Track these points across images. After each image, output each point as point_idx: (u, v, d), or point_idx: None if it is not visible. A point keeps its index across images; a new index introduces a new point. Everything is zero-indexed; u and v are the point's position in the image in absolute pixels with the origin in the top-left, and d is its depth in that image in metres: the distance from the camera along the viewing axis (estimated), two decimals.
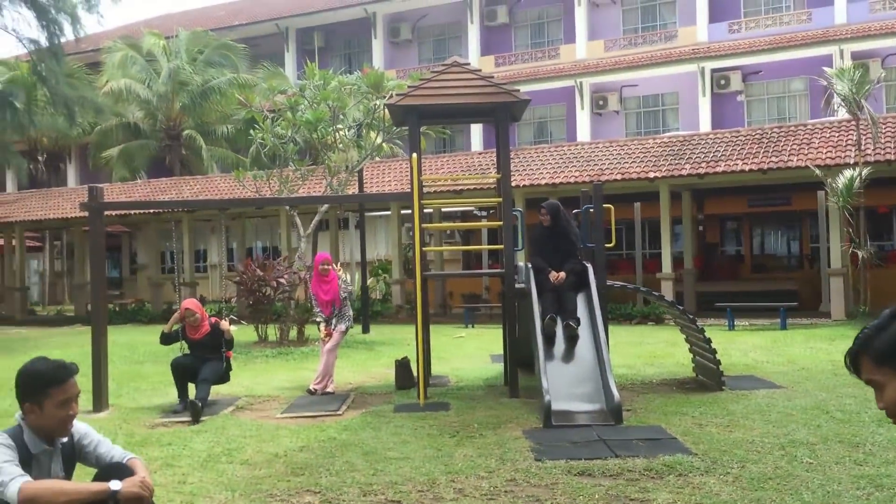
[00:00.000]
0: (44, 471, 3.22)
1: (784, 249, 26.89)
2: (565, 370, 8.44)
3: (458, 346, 15.02)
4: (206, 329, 9.10)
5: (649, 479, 5.53)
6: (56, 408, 3.18)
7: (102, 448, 3.43)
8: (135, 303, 26.87)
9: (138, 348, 15.20)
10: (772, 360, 11.19)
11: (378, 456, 6.45)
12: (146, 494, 3.10)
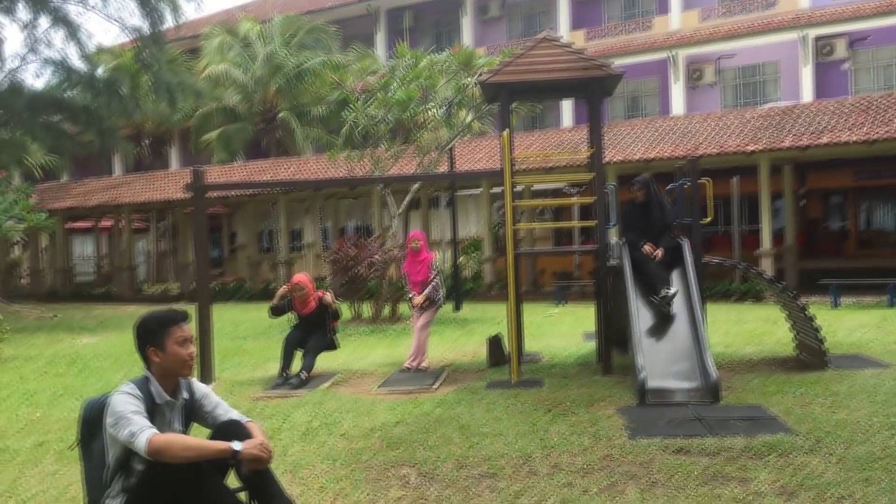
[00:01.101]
0: (165, 422, 3.39)
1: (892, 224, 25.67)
2: (661, 347, 8.31)
3: (549, 324, 14.98)
4: (314, 305, 9.44)
5: (749, 458, 5.41)
6: (177, 346, 3.35)
7: (220, 410, 3.59)
8: (235, 281, 27.77)
9: (240, 325, 15.74)
10: (879, 339, 10.74)
11: (472, 431, 6.52)
12: (265, 457, 3.23)
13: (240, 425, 3.44)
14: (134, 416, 3.19)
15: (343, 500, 4.89)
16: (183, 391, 3.50)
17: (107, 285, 30.89)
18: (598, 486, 4.95)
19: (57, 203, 29.00)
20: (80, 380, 9.88)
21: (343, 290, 16.32)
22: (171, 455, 3.09)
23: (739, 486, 4.81)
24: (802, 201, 23.73)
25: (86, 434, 3.51)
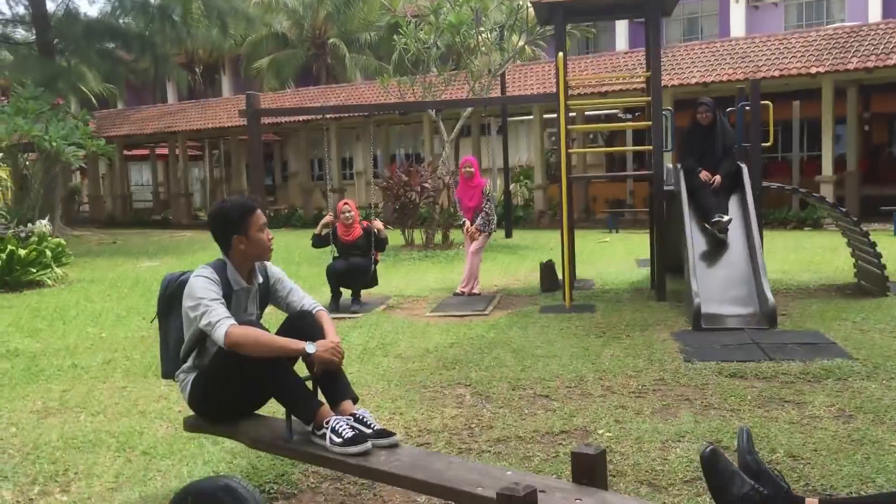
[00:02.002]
0: (241, 308, 3.49)
1: None
2: (716, 273, 8.23)
3: (602, 251, 14.90)
4: (359, 231, 9.44)
5: (805, 382, 5.38)
6: (259, 231, 3.44)
7: (294, 296, 3.69)
8: (287, 209, 28.10)
9: (293, 251, 15.97)
10: None
11: (526, 353, 6.58)
12: (337, 360, 3.32)
13: (312, 320, 3.51)
14: (213, 303, 3.27)
15: (399, 417, 5.01)
16: (258, 275, 3.59)
17: (164, 212, 31.55)
18: (651, 407, 4.98)
19: (114, 130, 29.45)
20: (143, 301, 10.17)
21: (395, 217, 16.41)
22: (247, 350, 3.19)
23: (795, 409, 4.79)
24: (866, 126, 22.92)
25: (164, 309, 3.65)
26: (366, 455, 3.13)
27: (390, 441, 3.25)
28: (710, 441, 3.88)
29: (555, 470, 3.94)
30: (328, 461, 3.22)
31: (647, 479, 3.83)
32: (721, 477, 2.23)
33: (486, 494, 2.71)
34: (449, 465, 3.11)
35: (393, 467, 3.04)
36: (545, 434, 4.57)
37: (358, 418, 3.31)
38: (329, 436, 3.18)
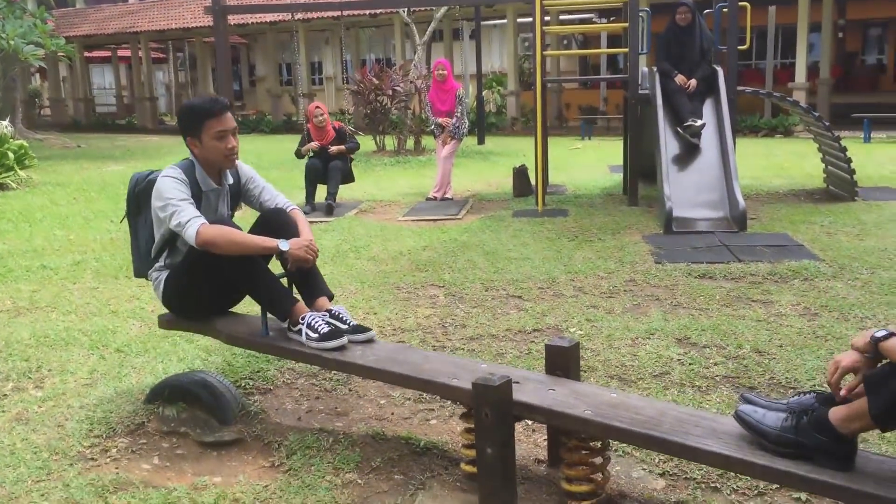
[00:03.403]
0: (211, 208, 3.42)
1: None
2: (688, 178, 8.25)
3: (575, 157, 14.87)
4: (332, 135, 9.40)
5: (773, 282, 5.48)
6: (214, 139, 3.29)
7: (267, 194, 3.61)
8: (255, 114, 27.57)
9: (263, 156, 15.76)
10: None
11: (499, 256, 6.61)
12: (311, 258, 3.28)
13: (286, 218, 3.45)
14: (182, 203, 3.20)
15: (374, 317, 5.03)
16: (228, 175, 3.49)
17: (128, 116, 30.82)
18: (622, 307, 5.05)
19: (73, 30, 28.39)
20: (111, 204, 10.02)
21: (366, 122, 16.16)
22: (219, 248, 3.14)
23: (762, 308, 4.89)
24: (841, 33, 22.78)
25: (133, 208, 3.57)
26: (342, 350, 3.14)
27: (367, 336, 3.26)
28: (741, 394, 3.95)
29: (527, 365, 4.01)
30: (305, 356, 3.23)
31: (618, 373, 3.91)
32: (757, 425, 2.27)
33: (461, 385, 2.74)
34: (425, 358, 3.13)
35: (370, 361, 3.06)
36: (518, 332, 4.63)
37: (334, 314, 3.31)
38: (305, 331, 3.18)
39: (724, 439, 2.32)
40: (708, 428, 2.40)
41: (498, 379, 2.56)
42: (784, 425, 2.21)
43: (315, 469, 3.02)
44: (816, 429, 2.14)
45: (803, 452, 2.18)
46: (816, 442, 2.14)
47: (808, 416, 2.18)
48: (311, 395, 3.81)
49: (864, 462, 2.16)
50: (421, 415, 3.56)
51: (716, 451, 2.27)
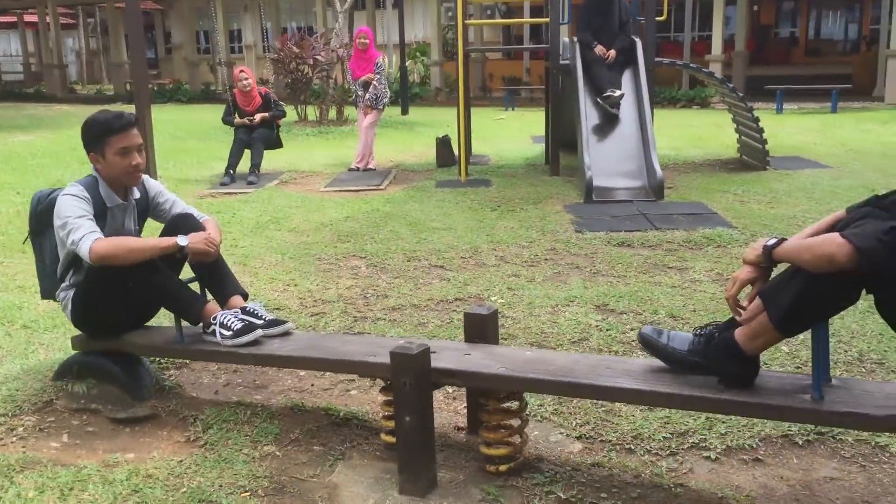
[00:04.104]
0: (117, 224, 3.29)
1: (841, 33, 25.58)
2: (608, 148, 8.36)
3: (498, 128, 14.92)
4: (258, 101, 9.26)
5: (688, 249, 5.61)
6: (117, 156, 3.16)
7: (177, 208, 3.48)
8: (172, 83, 26.77)
9: (181, 126, 15.33)
10: (820, 142, 10.97)
11: (421, 226, 6.60)
12: (211, 250, 3.19)
13: (189, 217, 3.36)
14: (79, 220, 3.06)
15: (294, 289, 4.96)
16: (135, 191, 3.37)
17: (37, 84, 29.54)
18: (543, 275, 5.10)
19: None
20: (18, 176, 9.60)
21: (287, 92, 15.86)
22: (116, 259, 3.02)
23: (678, 274, 5.00)
24: (755, 6, 23.35)
25: (36, 227, 3.42)
26: (258, 344, 3.09)
27: (283, 329, 3.20)
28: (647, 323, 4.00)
29: (449, 335, 4.01)
30: (220, 355, 3.18)
31: (537, 340, 3.95)
32: (664, 347, 2.32)
33: (379, 361, 2.73)
34: (344, 342, 3.13)
35: (287, 351, 3.03)
36: (440, 302, 4.63)
37: (248, 311, 3.24)
38: (218, 331, 3.11)
39: (634, 376, 2.40)
40: (619, 369, 2.48)
41: (416, 347, 2.55)
42: (692, 348, 2.27)
43: (232, 443, 2.97)
44: (723, 350, 2.21)
45: (710, 373, 2.24)
46: (723, 363, 2.21)
47: (715, 338, 2.24)
48: (229, 369, 3.74)
49: (764, 379, 2.25)
50: (341, 386, 3.53)
51: (627, 387, 2.34)
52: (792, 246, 2.02)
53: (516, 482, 2.63)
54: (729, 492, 2.55)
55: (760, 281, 2.14)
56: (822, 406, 2.08)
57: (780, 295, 2.06)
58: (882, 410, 2.02)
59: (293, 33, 19.79)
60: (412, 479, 2.58)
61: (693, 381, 2.29)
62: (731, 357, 2.20)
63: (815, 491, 2.54)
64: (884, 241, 1.82)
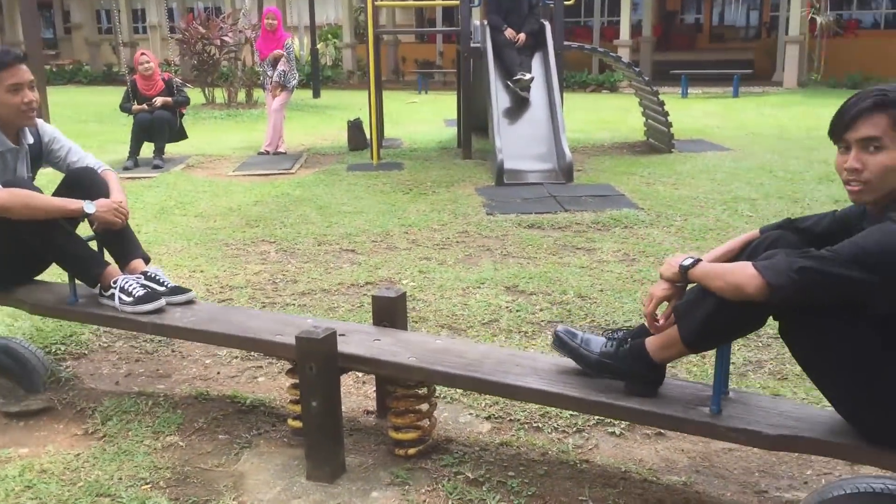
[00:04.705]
0: (9, 170, 3.11)
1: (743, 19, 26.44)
2: (519, 131, 8.42)
3: (411, 111, 14.87)
4: (161, 86, 8.91)
5: (596, 230, 5.71)
6: (8, 94, 2.97)
7: (74, 155, 3.31)
8: (72, 64, 25.71)
9: (81, 108, 14.77)
10: (722, 126, 11.33)
11: (332, 210, 6.52)
12: (120, 221, 3.06)
13: (95, 177, 3.19)
14: None
15: (200, 275, 4.83)
16: (28, 135, 3.19)
17: None
18: (454, 258, 5.11)
19: None
20: None
21: (194, 74, 15.43)
22: (14, 213, 2.86)
23: (586, 255, 5.09)
24: None
25: None
26: (159, 313, 2.99)
27: (186, 297, 3.10)
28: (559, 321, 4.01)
29: (359, 318, 3.97)
30: (118, 321, 3.05)
31: (448, 322, 3.95)
32: (577, 348, 2.34)
33: (285, 341, 2.68)
34: (249, 317, 3.04)
35: (189, 322, 2.92)
36: (350, 286, 4.59)
37: (149, 276, 3.13)
38: (118, 296, 2.99)
39: (542, 376, 2.40)
40: (528, 367, 2.47)
41: (322, 332, 2.51)
42: (605, 350, 2.31)
43: (133, 434, 2.87)
44: (633, 356, 2.25)
45: (618, 377, 2.29)
46: (631, 368, 2.25)
47: (628, 343, 2.28)
48: (131, 358, 3.62)
49: (667, 388, 2.30)
50: (248, 373, 3.46)
51: (534, 387, 2.34)
52: (706, 270, 2.07)
53: (425, 464, 2.62)
54: (632, 465, 2.61)
55: (675, 298, 2.19)
56: (718, 421, 2.14)
57: (691, 314, 2.12)
58: (775, 430, 2.08)
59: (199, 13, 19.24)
60: (320, 464, 2.54)
61: (598, 385, 2.32)
62: (639, 364, 2.24)
63: (714, 462, 2.63)
64: (794, 279, 1.87)
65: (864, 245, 1.84)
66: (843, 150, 1.97)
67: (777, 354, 3.41)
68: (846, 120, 1.93)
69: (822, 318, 1.94)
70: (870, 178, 1.91)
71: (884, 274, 1.81)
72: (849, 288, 1.84)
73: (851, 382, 1.96)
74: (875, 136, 1.89)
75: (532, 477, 2.53)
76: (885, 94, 1.91)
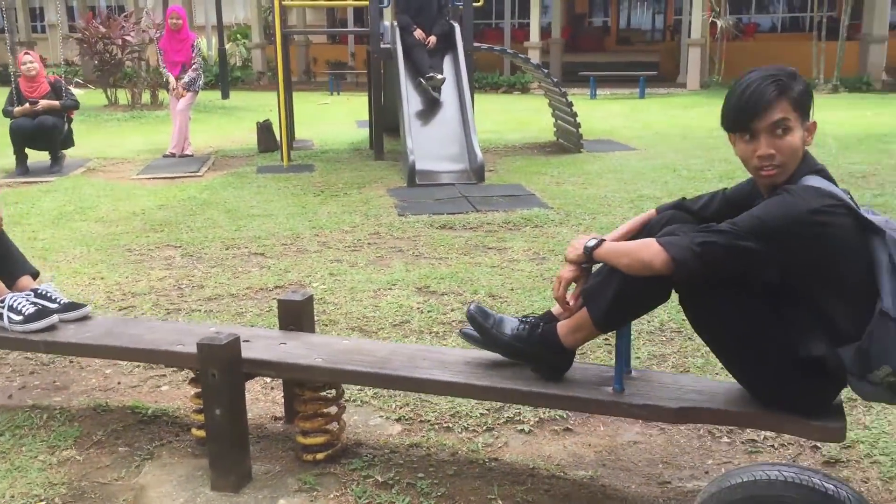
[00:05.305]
0: None
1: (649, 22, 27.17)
2: (431, 132, 8.43)
3: (323, 113, 14.73)
4: (45, 88, 8.45)
5: (507, 230, 5.76)
6: None
7: None
8: None
9: None
10: (629, 126, 11.60)
11: (241, 213, 6.40)
12: None
13: None
14: None
15: (100, 282, 4.66)
16: None
17: None
18: (365, 259, 5.07)
19: None
20: None
21: (96, 74, 14.92)
22: None
23: (497, 255, 5.12)
24: None
25: None
26: (51, 330, 2.87)
27: (80, 313, 2.99)
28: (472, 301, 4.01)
29: (268, 323, 3.90)
30: (8, 342, 2.92)
31: (359, 325, 3.92)
32: (489, 329, 2.33)
33: (186, 350, 2.60)
34: (149, 329, 2.94)
35: (84, 339, 2.82)
36: (259, 290, 4.50)
37: (40, 293, 3.00)
38: (6, 315, 2.86)
39: (450, 368, 2.40)
40: (435, 360, 2.47)
41: (225, 337, 2.45)
42: (516, 333, 2.31)
43: (26, 449, 2.74)
44: (544, 340, 2.27)
45: (527, 361, 2.30)
46: (541, 352, 2.27)
47: (540, 327, 2.29)
48: (25, 371, 3.46)
49: (572, 371, 2.33)
50: (151, 382, 3.34)
51: (442, 379, 2.35)
52: (611, 249, 2.11)
53: (334, 469, 2.59)
54: (540, 462, 2.63)
55: (582, 279, 2.22)
56: (621, 399, 2.19)
57: (599, 294, 2.15)
58: (676, 403, 2.15)
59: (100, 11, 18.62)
60: (224, 473, 2.48)
61: (505, 374, 2.33)
62: (550, 347, 2.26)
63: (620, 455, 2.67)
64: (696, 252, 1.93)
65: (762, 217, 1.92)
66: (748, 139, 2.02)
67: (679, 348, 3.49)
68: (755, 110, 1.99)
69: (717, 288, 2.00)
70: (784, 161, 1.99)
71: (780, 244, 1.89)
72: (748, 259, 1.92)
73: (746, 350, 2.04)
74: (783, 118, 1.97)
75: (441, 477, 2.52)
76: (779, 78, 1.99)
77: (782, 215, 1.90)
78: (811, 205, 1.89)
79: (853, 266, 1.92)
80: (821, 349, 1.96)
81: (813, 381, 2.00)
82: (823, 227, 1.88)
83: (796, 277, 1.97)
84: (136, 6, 21.20)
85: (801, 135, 2.00)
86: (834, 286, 1.94)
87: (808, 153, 2.05)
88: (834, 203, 1.92)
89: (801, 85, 2.02)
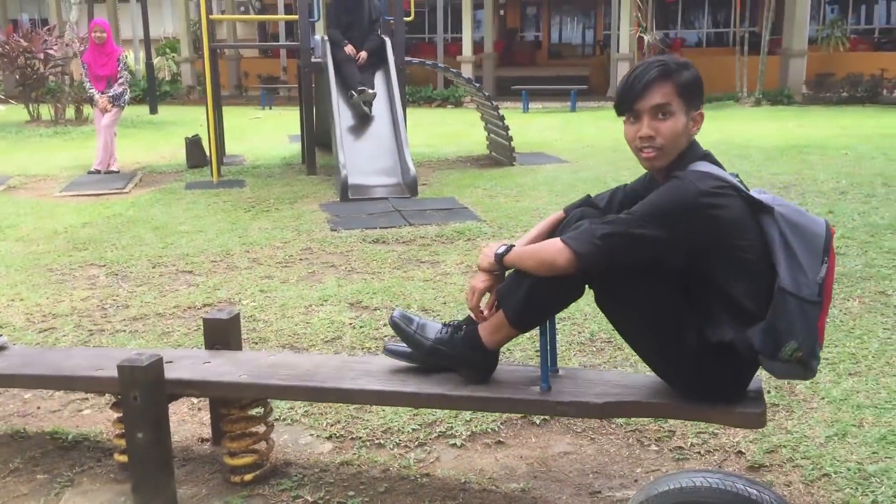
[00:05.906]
0: None
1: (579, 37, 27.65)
2: (363, 146, 8.40)
3: (254, 127, 14.55)
4: None
5: (440, 243, 5.76)
6: None
7: None
8: None
9: None
10: (561, 139, 11.74)
11: (169, 230, 6.26)
12: None
13: None
14: None
15: (20, 304, 4.50)
16: None
17: None
18: (297, 275, 5.01)
19: None
20: None
21: (18, 89, 14.47)
22: None
23: (430, 268, 5.11)
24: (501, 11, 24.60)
25: None
26: None
27: None
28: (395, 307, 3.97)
29: (196, 342, 3.82)
30: None
31: (290, 342, 3.86)
32: (412, 334, 2.31)
33: (106, 375, 2.52)
34: (68, 355, 2.87)
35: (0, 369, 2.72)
36: (187, 309, 4.40)
37: None
38: None
39: (377, 377, 2.39)
40: (362, 370, 2.45)
41: (147, 358, 2.38)
42: (439, 337, 2.30)
43: None
44: (467, 343, 2.27)
45: (451, 365, 2.29)
46: (465, 355, 2.27)
47: (462, 330, 2.29)
48: None
49: (499, 373, 2.34)
50: (73, 406, 3.24)
51: (369, 388, 2.33)
52: (519, 253, 2.13)
53: (262, 490, 2.54)
54: (472, 476, 2.62)
55: (496, 287, 2.22)
56: (549, 397, 2.20)
57: (512, 295, 2.16)
58: (601, 398, 2.17)
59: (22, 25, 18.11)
60: (148, 499, 2.40)
61: (432, 380, 2.32)
62: (473, 350, 2.26)
63: (551, 466, 2.68)
64: (598, 244, 1.97)
65: (656, 203, 1.98)
66: (633, 120, 2.08)
67: (610, 358, 3.53)
68: (637, 90, 2.04)
69: (627, 280, 2.04)
70: (663, 144, 2.04)
71: (675, 228, 1.94)
72: (648, 246, 1.97)
73: (660, 341, 2.08)
74: (665, 102, 2.03)
75: (373, 495, 2.49)
76: (666, 63, 2.05)
77: (674, 199, 1.96)
78: (700, 187, 1.95)
79: (749, 245, 1.98)
80: (730, 334, 2.01)
81: (726, 366, 2.05)
82: (714, 209, 1.94)
83: (700, 262, 2.01)
84: (59, 19, 20.64)
85: (684, 121, 2.05)
86: (735, 268, 1.99)
87: (696, 141, 2.11)
88: (721, 185, 1.98)
89: (690, 74, 2.07)
